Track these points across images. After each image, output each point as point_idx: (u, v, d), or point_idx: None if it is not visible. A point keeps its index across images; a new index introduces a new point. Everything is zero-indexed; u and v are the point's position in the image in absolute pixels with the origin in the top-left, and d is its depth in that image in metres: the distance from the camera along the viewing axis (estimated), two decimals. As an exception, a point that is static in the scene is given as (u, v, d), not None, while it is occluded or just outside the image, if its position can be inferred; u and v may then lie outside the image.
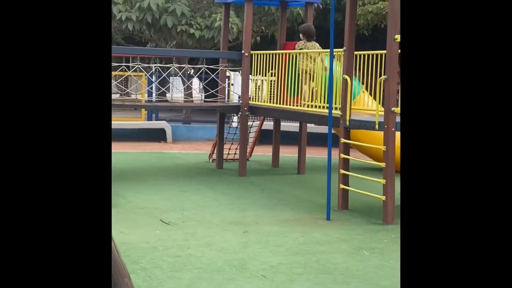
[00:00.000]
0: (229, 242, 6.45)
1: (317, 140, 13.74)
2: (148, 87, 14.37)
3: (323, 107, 8.73)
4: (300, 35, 10.25)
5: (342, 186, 8.08)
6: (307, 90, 9.43)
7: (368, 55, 8.22)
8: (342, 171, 8.07)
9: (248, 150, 12.31)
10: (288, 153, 13.03)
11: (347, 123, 8.00)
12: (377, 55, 7.92)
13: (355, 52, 8.14)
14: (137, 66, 10.28)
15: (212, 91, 11.00)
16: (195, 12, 15.32)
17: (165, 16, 14.73)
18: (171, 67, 10.96)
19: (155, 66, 13.49)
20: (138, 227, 7.03)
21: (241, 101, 10.50)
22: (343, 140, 8.06)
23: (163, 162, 11.94)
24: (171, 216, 7.54)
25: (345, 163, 8.09)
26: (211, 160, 11.95)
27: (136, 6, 14.73)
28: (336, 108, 8.36)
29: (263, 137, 14.34)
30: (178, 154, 13.19)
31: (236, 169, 10.66)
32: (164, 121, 15.29)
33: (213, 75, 10.63)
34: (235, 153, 11.92)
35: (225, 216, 7.61)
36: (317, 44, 9.87)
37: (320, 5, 15.76)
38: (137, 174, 10.56)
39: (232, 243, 6.42)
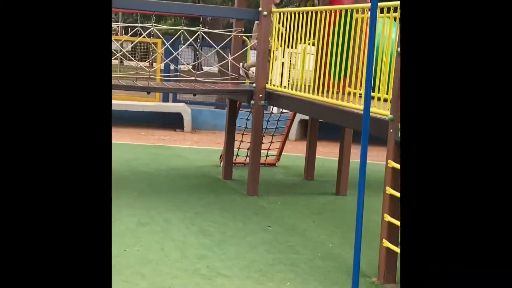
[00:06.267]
0: None
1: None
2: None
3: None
4: None
5: (386, 243, 4.58)
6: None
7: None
8: (388, 218, 4.57)
9: (277, 151, 8.88)
10: (332, 155, 9.49)
11: (400, 134, 4.46)
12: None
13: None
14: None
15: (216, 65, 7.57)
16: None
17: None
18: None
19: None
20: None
21: (254, 85, 7.05)
22: (391, 163, 4.53)
23: (155, 163, 8.58)
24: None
25: (393, 205, 4.58)
26: (221, 163, 8.57)
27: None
28: (382, 100, 4.87)
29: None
30: (186, 150, 9.79)
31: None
32: (183, 104, 11.91)
33: (216, 46, 7.20)
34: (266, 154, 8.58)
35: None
36: None
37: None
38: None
39: None
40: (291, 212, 6.48)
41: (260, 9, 6.99)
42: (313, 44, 6.70)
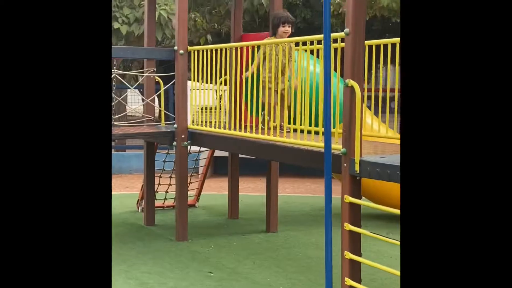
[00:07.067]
0: None
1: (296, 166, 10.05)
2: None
3: (309, 132, 5.04)
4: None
5: (349, 281, 4.43)
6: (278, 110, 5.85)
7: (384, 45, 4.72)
8: (349, 255, 4.43)
9: (195, 191, 8.63)
10: (254, 190, 9.35)
11: (357, 168, 4.35)
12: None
13: (367, 42, 4.53)
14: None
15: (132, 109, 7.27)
16: (121, 1, 11.55)
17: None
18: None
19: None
20: None
21: (175, 125, 6.79)
22: (348, 198, 4.41)
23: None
24: None
25: (354, 241, 4.45)
26: (139, 209, 8.23)
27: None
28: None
29: (221, 165, 10.73)
30: (96, 197, 9.35)
31: (174, 224, 6.87)
32: (85, 149, 11.43)
33: (129, 85, 6.90)
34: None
35: None
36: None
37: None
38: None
39: None
40: (228, 255, 6.23)
41: (175, 47, 6.76)
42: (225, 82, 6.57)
